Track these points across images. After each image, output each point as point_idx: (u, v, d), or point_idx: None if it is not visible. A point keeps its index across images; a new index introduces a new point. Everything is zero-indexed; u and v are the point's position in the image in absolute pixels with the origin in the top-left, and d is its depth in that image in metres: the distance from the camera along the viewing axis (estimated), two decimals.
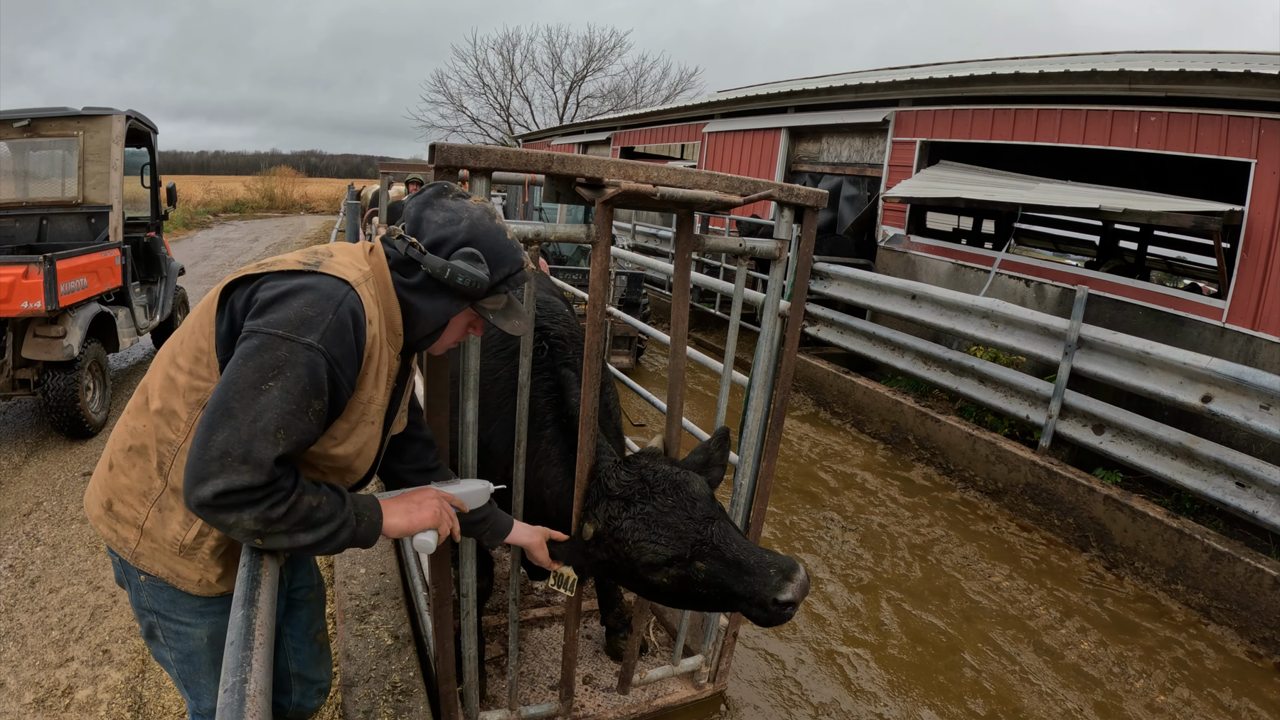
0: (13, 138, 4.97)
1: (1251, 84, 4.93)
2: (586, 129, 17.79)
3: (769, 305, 2.13)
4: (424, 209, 1.31)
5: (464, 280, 1.27)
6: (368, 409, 1.34)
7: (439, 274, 1.27)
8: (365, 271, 1.29)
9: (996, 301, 5.29)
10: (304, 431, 1.16)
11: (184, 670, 1.43)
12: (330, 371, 1.18)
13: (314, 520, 1.19)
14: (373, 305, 1.26)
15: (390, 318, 1.33)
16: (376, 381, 1.32)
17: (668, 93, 30.58)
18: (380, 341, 1.29)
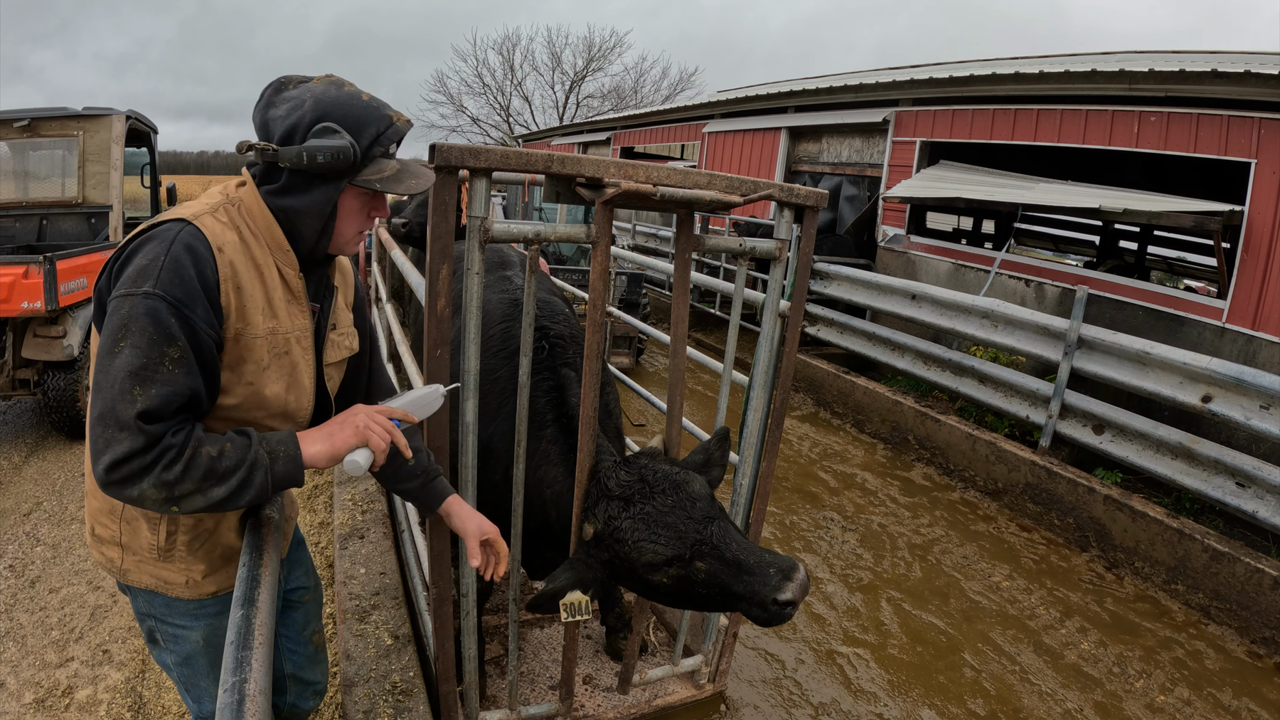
0: (13, 138, 4.97)
1: (1251, 84, 4.93)
2: (586, 129, 17.79)
3: (769, 305, 2.13)
4: (267, 110, 1.21)
5: (325, 157, 1.17)
6: (274, 339, 1.26)
7: (299, 163, 1.17)
8: (214, 203, 1.22)
9: (996, 301, 5.29)
10: (166, 382, 1.08)
11: (184, 674, 1.43)
12: (176, 313, 1.09)
13: (220, 471, 1.12)
14: (224, 231, 1.18)
15: (269, 235, 1.25)
16: (271, 308, 1.25)
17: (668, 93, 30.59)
18: (250, 265, 1.21)
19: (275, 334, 1.26)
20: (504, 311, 2.28)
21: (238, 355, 1.21)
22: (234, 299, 1.18)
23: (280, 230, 1.26)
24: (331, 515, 3.55)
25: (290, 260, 1.28)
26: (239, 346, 1.21)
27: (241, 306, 1.19)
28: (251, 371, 1.24)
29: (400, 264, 2.50)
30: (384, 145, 1.24)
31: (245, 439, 1.17)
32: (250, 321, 1.21)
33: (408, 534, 2.70)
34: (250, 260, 1.22)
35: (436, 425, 1.70)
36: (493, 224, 1.58)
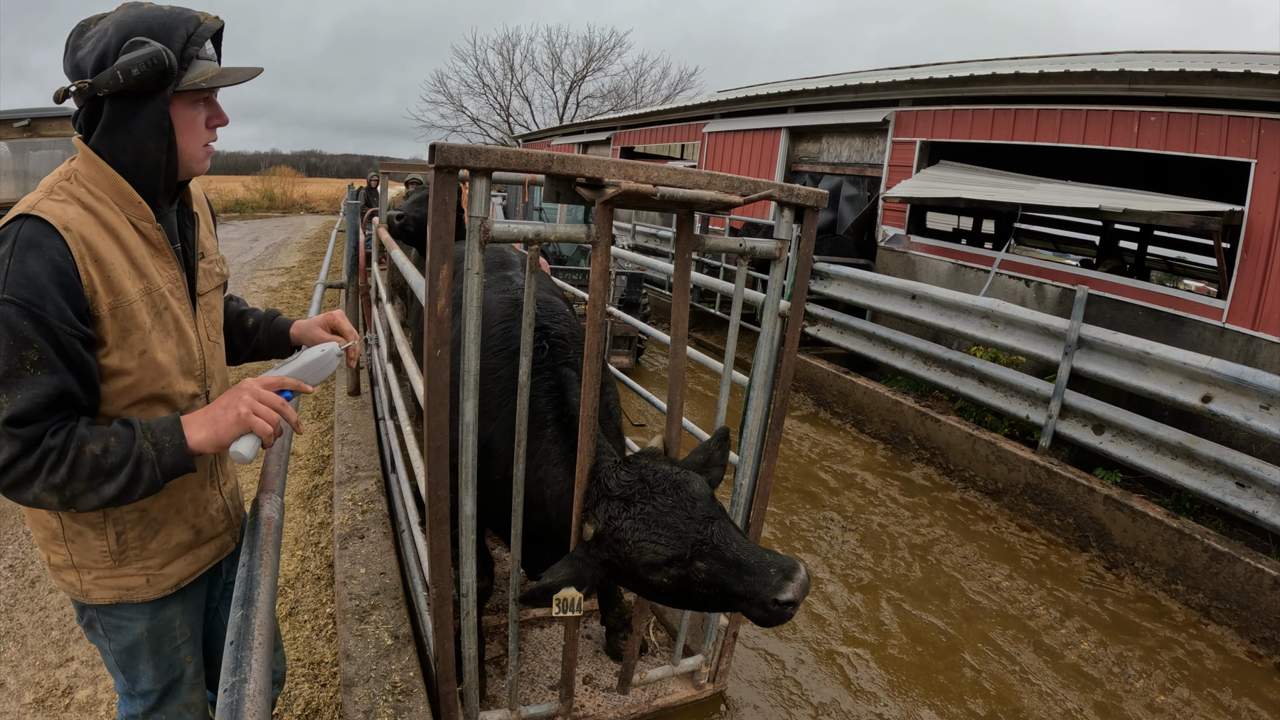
0: (13, 138, 4.97)
1: (1251, 84, 4.93)
2: (586, 129, 17.79)
3: (769, 305, 2.13)
4: (75, 54, 1.17)
5: (142, 69, 1.11)
6: (150, 299, 1.23)
7: (116, 83, 1.11)
8: (50, 184, 1.18)
9: (996, 301, 5.29)
10: (32, 385, 1.07)
11: (122, 659, 1.44)
12: (29, 315, 1.07)
13: (106, 467, 1.12)
14: (65, 208, 1.14)
15: (116, 192, 1.20)
16: (136, 268, 1.21)
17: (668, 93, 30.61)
18: (103, 232, 1.17)
19: (150, 293, 1.24)
20: (505, 311, 2.28)
21: (121, 327, 1.18)
22: (95, 273, 1.15)
23: (125, 182, 1.21)
24: (331, 515, 3.55)
25: (144, 213, 1.24)
26: (119, 319, 1.18)
27: (106, 278, 1.16)
28: (139, 339, 1.21)
29: (400, 264, 2.50)
30: (198, 44, 1.20)
31: (129, 430, 1.15)
32: (120, 290, 1.18)
33: (408, 534, 2.70)
34: (102, 227, 1.18)
35: (436, 425, 1.70)
36: (493, 224, 1.58)
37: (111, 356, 1.19)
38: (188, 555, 1.42)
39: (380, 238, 4.03)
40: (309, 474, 4.27)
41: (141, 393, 1.24)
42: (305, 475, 4.25)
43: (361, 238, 5.30)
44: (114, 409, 1.23)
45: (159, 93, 1.17)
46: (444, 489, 1.75)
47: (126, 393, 1.22)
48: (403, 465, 2.84)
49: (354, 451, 3.82)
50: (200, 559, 1.46)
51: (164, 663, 1.46)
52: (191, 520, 1.42)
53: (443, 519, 1.77)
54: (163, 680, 1.47)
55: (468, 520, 1.82)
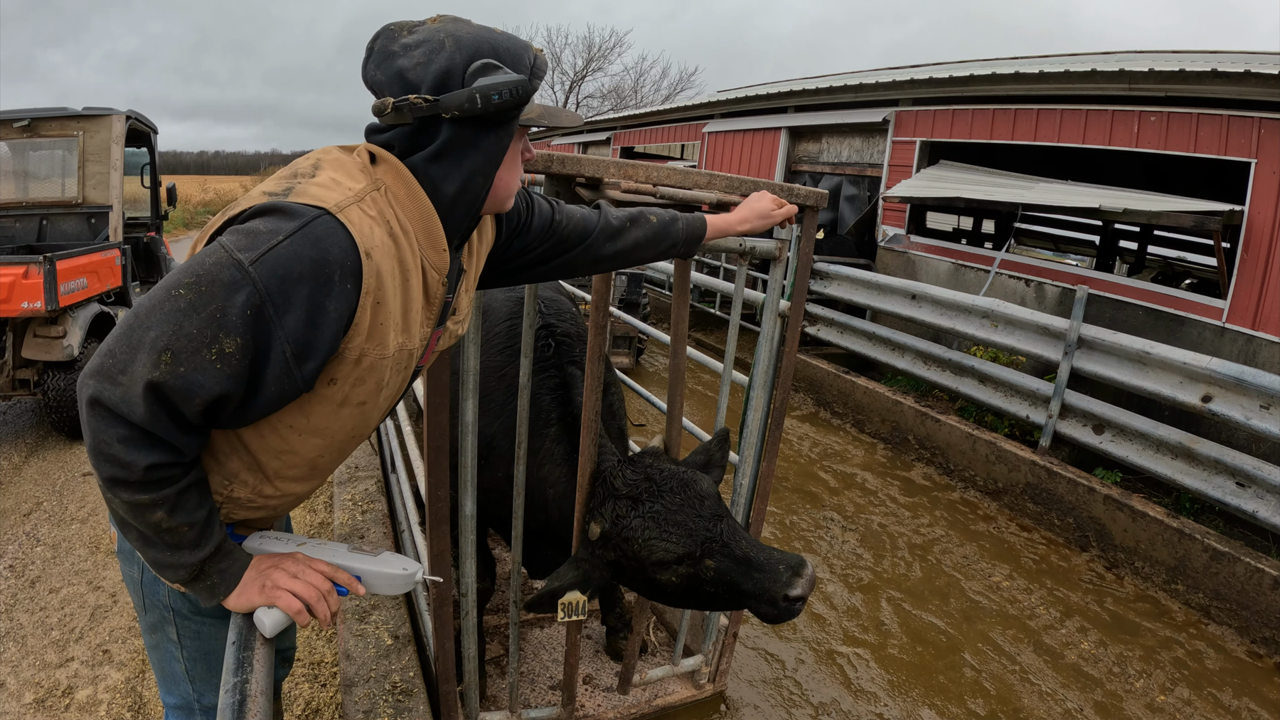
0: (13, 138, 4.97)
1: (1251, 84, 4.93)
2: (586, 129, 17.78)
3: (769, 305, 2.13)
4: (392, 62, 0.98)
5: (502, 95, 0.96)
6: (400, 356, 1.05)
7: (471, 107, 0.95)
8: (359, 189, 0.96)
9: (996, 301, 5.29)
10: (199, 370, 0.86)
11: (195, 667, 1.33)
12: (257, 309, 0.86)
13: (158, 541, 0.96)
14: (373, 229, 0.95)
15: (425, 228, 1.02)
16: (406, 323, 1.03)
17: (668, 92, 30.59)
18: (396, 272, 0.99)
19: (403, 349, 1.05)
20: (509, 309, 2.29)
21: (357, 376, 1.01)
22: (370, 318, 0.96)
23: (438, 221, 1.03)
24: (331, 515, 3.56)
25: (442, 262, 1.06)
26: (359, 368, 1.00)
27: (377, 325, 0.98)
28: (368, 392, 1.04)
29: None
30: (539, 76, 1.04)
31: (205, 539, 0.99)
32: (383, 343, 1.00)
33: (408, 534, 2.70)
34: (398, 265, 0.99)
35: (436, 425, 1.70)
36: None
37: (335, 393, 1.01)
38: None
39: None
40: None
41: (340, 437, 1.08)
42: None
43: None
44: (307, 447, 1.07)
45: (505, 125, 1.02)
46: (444, 489, 1.75)
47: (327, 435, 1.06)
48: (403, 465, 2.84)
49: (354, 451, 3.82)
50: None
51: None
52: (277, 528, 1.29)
53: (443, 519, 1.78)
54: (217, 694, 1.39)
55: (468, 520, 1.82)
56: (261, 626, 1.04)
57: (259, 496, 1.11)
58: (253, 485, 1.08)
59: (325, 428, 1.05)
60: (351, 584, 1.12)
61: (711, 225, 1.58)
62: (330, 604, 1.07)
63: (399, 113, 0.97)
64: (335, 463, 1.16)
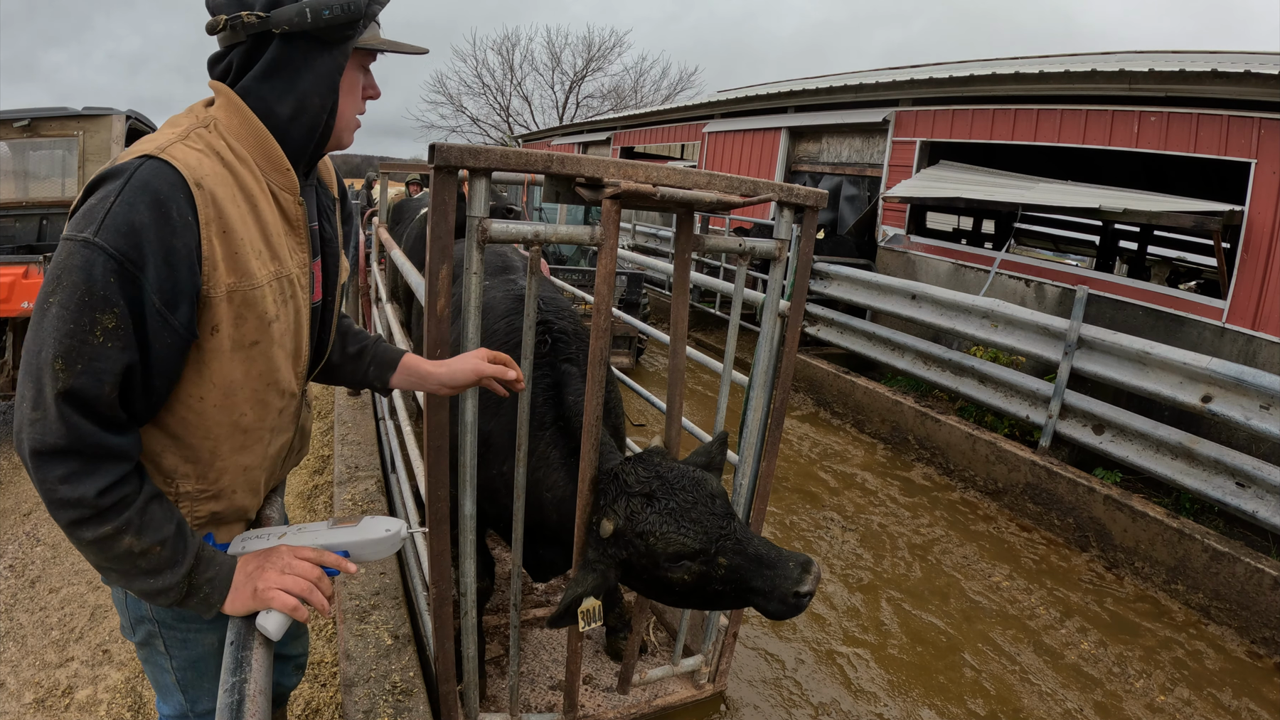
0: (13, 138, 4.97)
1: (1251, 84, 4.93)
2: (586, 129, 17.79)
3: (769, 305, 2.13)
4: None
5: (335, 11, 0.96)
6: (279, 285, 1.06)
7: (300, 21, 0.96)
8: (182, 128, 0.98)
9: (996, 301, 5.29)
10: (95, 358, 0.87)
11: (186, 675, 1.31)
12: (119, 273, 0.87)
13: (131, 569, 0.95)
14: (201, 160, 0.95)
15: (263, 152, 1.03)
16: (270, 248, 1.04)
17: (668, 92, 30.59)
18: (239, 198, 0.99)
19: (280, 278, 1.06)
20: (508, 306, 2.30)
21: (238, 314, 1.00)
22: (221, 247, 0.96)
23: (275, 143, 1.03)
24: (331, 515, 3.56)
25: (289, 182, 1.07)
26: (232, 305, 0.99)
27: (231, 254, 0.97)
28: (255, 330, 1.03)
29: (400, 264, 2.50)
30: (381, 2, 1.06)
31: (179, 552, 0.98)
32: (246, 271, 1.00)
33: None
34: (239, 192, 1.00)
35: (436, 425, 1.70)
36: (491, 224, 1.58)
37: (223, 342, 1.01)
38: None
39: (380, 238, 4.03)
40: (309, 474, 4.27)
41: (252, 388, 1.08)
42: (305, 475, 4.25)
43: (361, 238, 5.30)
44: (221, 410, 1.06)
45: (340, 44, 1.02)
46: (444, 489, 1.75)
47: (233, 391, 1.05)
48: (403, 465, 2.84)
49: (354, 451, 3.82)
50: None
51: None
52: (250, 515, 1.27)
53: (443, 519, 1.78)
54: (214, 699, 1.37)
55: (467, 520, 1.82)
56: (266, 632, 1.02)
57: (207, 483, 1.10)
58: (195, 474, 1.08)
59: (228, 380, 1.04)
60: (341, 563, 1.11)
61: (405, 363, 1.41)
62: (323, 589, 1.06)
63: (233, 31, 0.98)
64: (263, 419, 1.13)
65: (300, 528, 1.15)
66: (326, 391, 5.77)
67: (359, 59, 1.09)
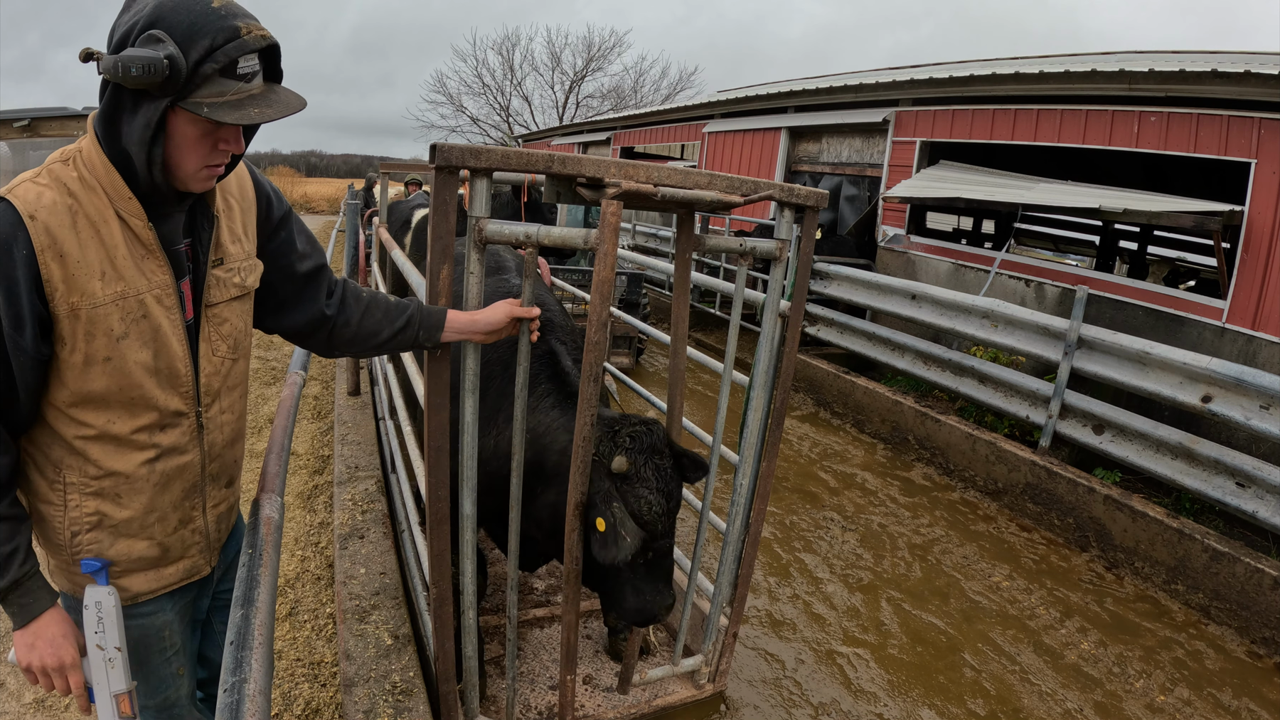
0: (12, 138, 4.97)
1: (1251, 84, 4.93)
2: (586, 129, 17.79)
3: (769, 305, 2.13)
4: (117, 18, 1.07)
5: (137, 69, 0.99)
6: (124, 304, 1.13)
7: (114, 75, 1.00)
8: (46, 163, 1.11)
9: (996, 301, 5.29)
10: None
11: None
12: None
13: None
14: (42, 193, 1.06)
15: (108, 181, 1.10)
16: (115, 268, 1.12)
17: (668, 92, 30.60)
18: (79, 225, 1.08)
19: (125, 297, 1.13)
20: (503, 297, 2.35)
21: (85, 330, 1.10)
22: (57, 269, 1.06)
23: (117, 174, 1.11)
24: (331, 515, 3.56)
25: (134, 208, 1.13)
26: (79, 322, 1.10)
27: (69, 276, 1.08)
28: (105, 345, 1.12)
29: (400, 264, 2.50)
30: (220, 61, 1.04)
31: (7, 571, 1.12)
32: (86, 291, 1.09)
33: (408, 534, 2.70)
34: (81, 217, 1.09)
35: (436, 425, 1.70)
36: (487, 224, 1.58)
37: (75, 356, 1.11)
38: (150, 572, 1.31)
39: (380, 238, 4.03)
40: (309, 474, 4.27)
41: (116, 399, 1.17)
42: (305, 475, 4.25)
43: (361, 238, 5.30)
44: (86, 414, 1.17)
45: (157, 99, 1.05)
46: (444, 489, 1.75)
47: (92, 399, 1.16)
48: (403, 465, 2.84)
49: (354, 451, 3.82)
50: (163, 578, 1.34)
51: (154, 675, 1.37)
52: (159, 538, 1.30)
53: (443, 519, 1.78)
54: (155, 695, 1.38)
55: (466, 520, 1.82)
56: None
57: (88, 478, 1.21)
58: (77, 466, 1.20)
59: (88, 391, 1.15)
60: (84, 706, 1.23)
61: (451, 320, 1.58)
62: (59, 689, 1.21)
63: (94, 64, 1.05)
64: (133, 427, 1.21)
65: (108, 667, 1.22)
66: (326, 391, 5.76)
67: (191, 116, 1.08)
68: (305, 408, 5.40)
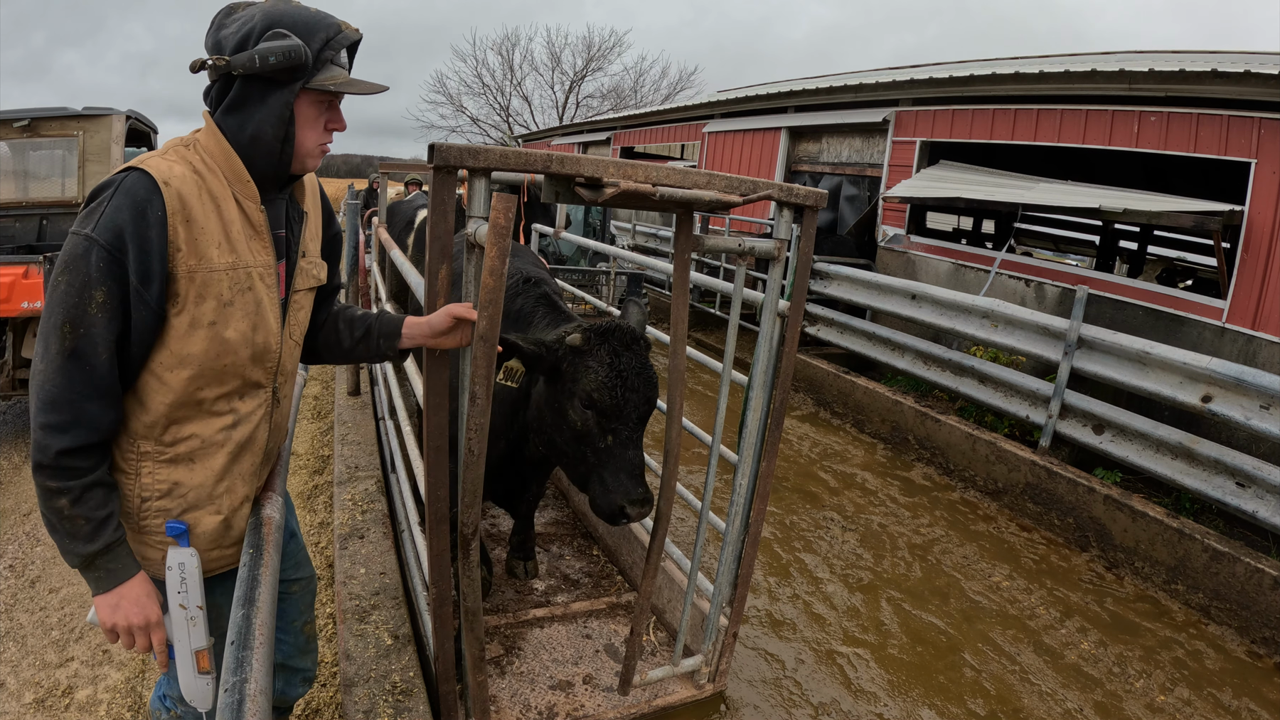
0: (13, 138, 4.97)
1: (1251, 84, 4.93)
2: (586, 129, 17.79)
3: (768, 305, 2.13)
4: (219, 31, 1.26)
5: (277, 57, 1.19)
6: (235, 274, 1.26)
7: (250, 66, 1.19)
8: (166, 148, 1.26)
9: (996, 301, 5.29)
10: (92, 324, 1.13)
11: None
12: (108, 259, 1.13)
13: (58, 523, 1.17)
14: (172, 166, 1.20)
15: (228, 166, 1.26)
16: (229, 242, 1.25)
17: (667, 92, 30.59)
18: (204, 197, 1.22)
19: (236, 269, 1.27)
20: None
21: (198, 293, 1.22)
22: (184, 232, 1.19)
23: (239, 159, 1.27)
24: (331, 515, 3.56)
25: (250, 191, 1.29)
26: (196, 283, 1.22)
27: (193, 240, 1.21)
28: (213, 310, 1.24)
29: (400, 264, 2.50)
30: (334, 50, 1.27)
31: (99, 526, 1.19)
32: (204, 256, 1.22)
33: (408, 534, 2.70)
34: (205, 192, 1.23)
35: (436, 425, 1.70)
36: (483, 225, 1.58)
37: (183, 318, 1.22)
38: (215, 551, 1.38)
39: (380, 238, 4.03)
40: (309, 474, 4.27)
41: (210, 365, 1.26)
42: (305, 475, 4.25)
43: (361, 237, 5.30)
44: (178, 377, 1.25)
45: (288, 84, 1.24)
46: (444, 489, 1.75)
47: (189, 361, 1.24)
48: (403, 465, 2.84)
49: (354, 451, 3.82)
50: (225, 558, 1.41)
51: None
52: (225, 512, 1.37)
53: (443, 519, 1.78)
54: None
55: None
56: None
57: (164, 446, 1.29)
58: (154, 436, 1.28)
59: (187, 352, 1.24)
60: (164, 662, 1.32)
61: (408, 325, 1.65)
62: (139, 648, 1.28)
63: (210, 70, 1.24)
64: (218, 393, 1.31)
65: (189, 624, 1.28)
66: (326, 391, 5.77)
67: (316, 97, 1.29)
68: (305, 408, 5.40)
